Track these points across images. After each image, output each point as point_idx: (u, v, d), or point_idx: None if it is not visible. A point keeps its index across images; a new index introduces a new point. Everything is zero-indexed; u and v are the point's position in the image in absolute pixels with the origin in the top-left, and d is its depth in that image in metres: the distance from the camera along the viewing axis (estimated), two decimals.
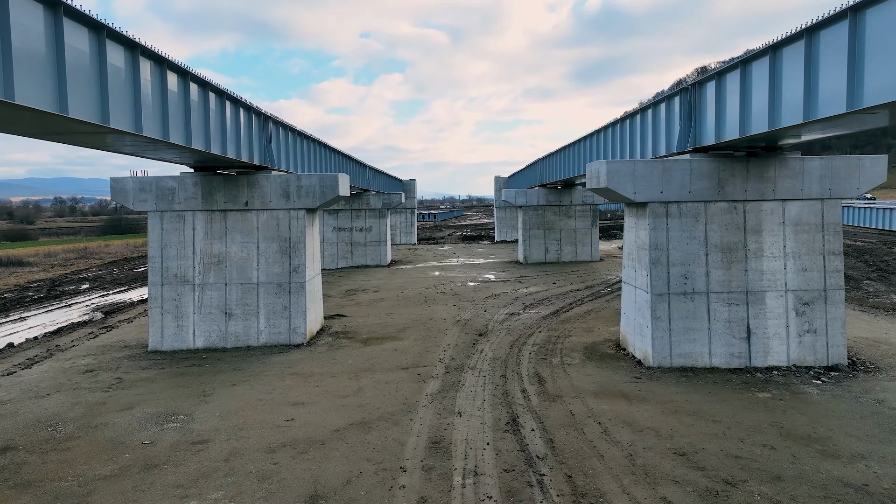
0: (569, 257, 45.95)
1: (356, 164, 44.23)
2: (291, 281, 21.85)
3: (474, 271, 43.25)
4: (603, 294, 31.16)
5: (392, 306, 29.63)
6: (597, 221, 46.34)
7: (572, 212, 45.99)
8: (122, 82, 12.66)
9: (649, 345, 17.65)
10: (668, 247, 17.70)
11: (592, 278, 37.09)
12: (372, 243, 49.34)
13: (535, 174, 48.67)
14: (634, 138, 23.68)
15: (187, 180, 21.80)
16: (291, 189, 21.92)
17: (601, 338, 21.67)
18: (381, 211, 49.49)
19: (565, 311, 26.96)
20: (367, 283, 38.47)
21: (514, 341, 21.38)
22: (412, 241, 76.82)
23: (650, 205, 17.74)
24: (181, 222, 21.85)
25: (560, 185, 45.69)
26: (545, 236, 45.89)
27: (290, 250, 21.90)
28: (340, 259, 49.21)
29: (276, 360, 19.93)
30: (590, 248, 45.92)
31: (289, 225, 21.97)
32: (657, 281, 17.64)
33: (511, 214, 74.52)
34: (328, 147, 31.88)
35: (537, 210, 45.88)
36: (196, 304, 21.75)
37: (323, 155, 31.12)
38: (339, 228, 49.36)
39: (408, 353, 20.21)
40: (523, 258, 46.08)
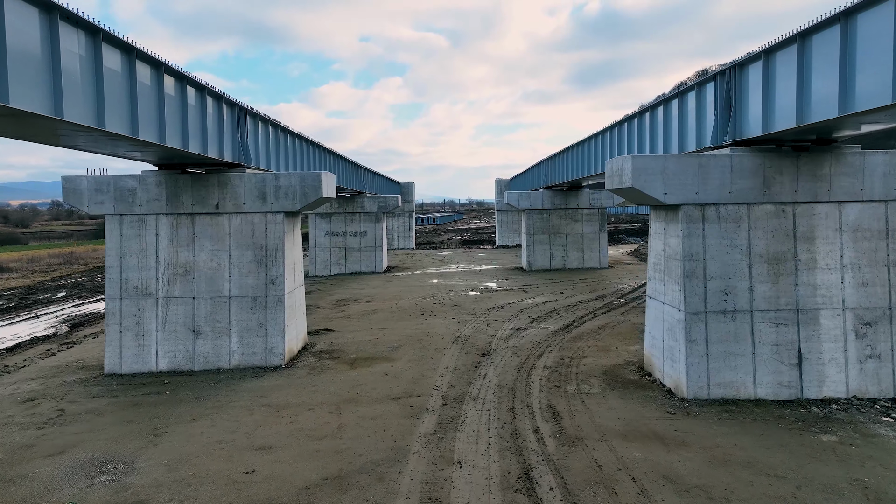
0: (575, 264, 43.32)
1: (349, 165, 41.65)
2: (268, 294, 19.20)
3: (475, 279, 40.59)
4: (616, 306, 28.49)
5: (385, 319, 26.96)
6: (605, 226, 43.73)
7: (579, 215, 43.38)
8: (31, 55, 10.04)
9: (682, 372, 15.00)
10: (705, 257, 15.05)
11: (603, 287, 34.42)
12: (367, 249, 46.70)
13: (540, 175, 46.08)
14: (656, 133, 21.09)
15: (150, 180, 19.18)
16: (268, 190, 19.29)
17: (621, 359, 19.01)
18: (376, 214, 46.87)
19: (576, 325, 24.29)
20: (361, 292, 35.81)
21: (521, 363, 18.73)
22: (410, 245, 74.20)
23: (683, 208, 15.11)
24: (143, 227, 19.22)
25: (566, 187, 43.10)
26: (550, 241, 43.25)
27: (267, 259, 19.26)
28: (333, 265, 46.56)
29: (248, 386, 17.27)
30: (598, 255, 43.27)
31: (265, 230, 19.34)
32: (692, 297, 14.99)
33: (513, 218, 71.92)
34: (315, 144, 29.29)
35: (542, 214, 43.27)
36: (159, 320, 19.10)
37: (309, 153, 28.51)
38: (332, 233, 46.73)
39: (400, 378, 17.55)
40: (527, 265, 43.45)
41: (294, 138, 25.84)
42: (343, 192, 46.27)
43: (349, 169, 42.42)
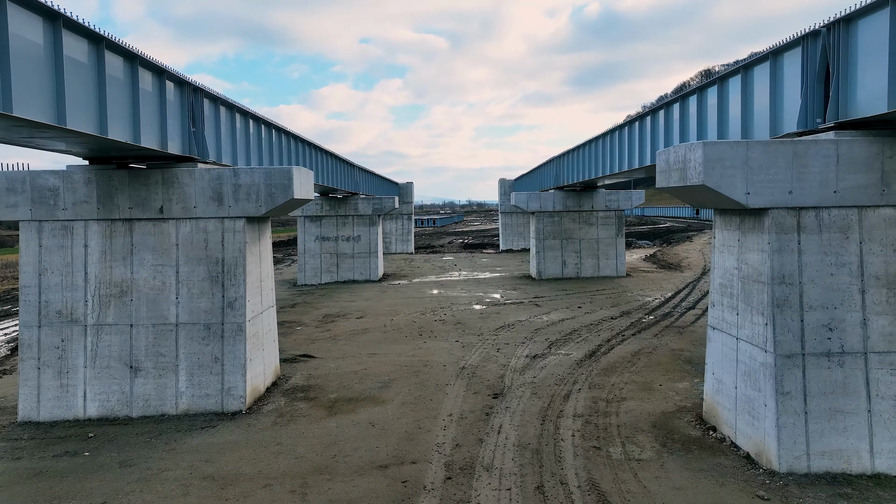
0: (590, 272, 39.35)
1: (340, 164, 37.74)
2: (225, 321, 15.26)
3: (480, 289, 36.63)
4: (646, 325, 24.51)
5: (377, 342, 23.01)
6: (623, 230, 39.76)
7: (594, 218, 39.42)
8: None
9: (770, 435, 11.05)
10: (802, 279, 11.11)
11: (625, 301, 30.44)
12: (360, 255, 42.75)
13: (549, 175, 42.16)
14: (705, 123, 17.25)
15: (77, 177, 15.24)
16: (226, 189, 15.35)
17: (671, 404, 15.05)
18: (371, 218, 42.93)
19: (604, 352, 20.33)
20: (351, 305, 31.85)
21: (544, 409, 14.78)
22: (409, 249, 70.24)
23: (772, 213, 11.17)
24: (68, 237, 15.28)
25: (579, 188, 39.19)
26: (562, 247, 39.28)
27: (224, 277, 15.32)
28: (324, 273, 42.61)
29: (194, 443, 13.32)
30: (614, 262, 39.31)
31: (221, 240, 15.39)
32: (784, 334, 11.05)
33: (517, 221, 67.99)
34: (297, 138, 25.38)
35: (553, 217, 39.31)
36: (88, 353, 15.15)
37: (290, 148, 24.62)
38: (323, 238, 42.78)
39: (390, 432, 13.60)
40: (536, 273, 39.48)
41: (271, 130, 21.95)
42: (335, 194, 42.40)
43: (340, 168, 38.50)
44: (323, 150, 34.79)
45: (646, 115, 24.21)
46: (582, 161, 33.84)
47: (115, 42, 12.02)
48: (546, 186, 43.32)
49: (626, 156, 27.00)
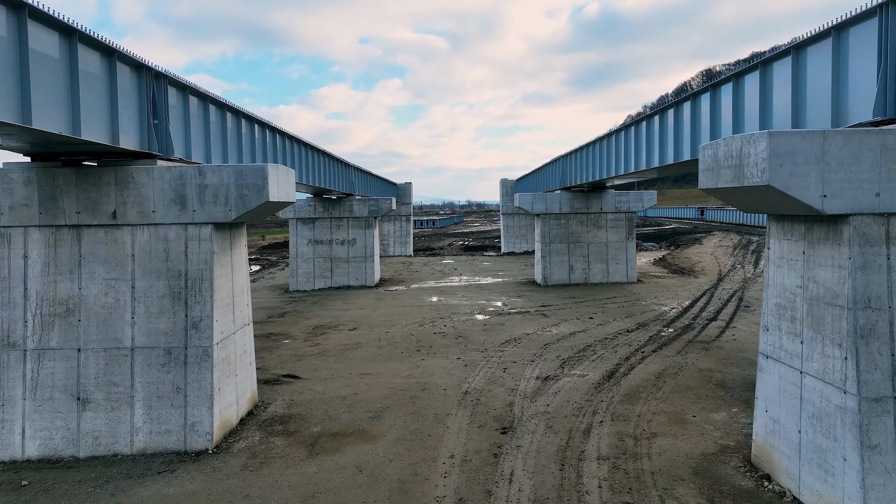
0: (598, 277, 37.14)
1: (334, 163, 35.57)
2: (189, 344, 13.06)
3: (482, 296, 34.43)
4: (666, 339, 22.32)
5: (370, 358, 20.82)
6: (633, 233, 37.54)
7: (602, 221, 37.23)
8: None
9: (853, 498, 8.85)
10: (892, 303, 8.92)
11: (640, 311, 28.24)
12: (356, 259, 40.55)
13: (554, 175, 39.98)
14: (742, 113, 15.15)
15: (14, 176, 13.05)
16: (189, 191, 13.15)
17: (710, 441, 12.84)
18: (366, 220, 40.73)
19: (624, 372, 18.14)
20: (345, 315, 29.65)
21: (563, 449, 12.57)
22: (408, 252, 68.03)
23: (854, 220, 8.97)
24: (4, 246, 13.08)
25: (587, 189, 37.00)
26: (569, 251, 37.08)
27: (188, 293, 13.13)
28: (317, 278, 40.40)
29: (145, 494, 11.12)
30: (625, 267, 37.11)
31: (185, 251, 13.20)
32: (871, 372, 8.86)
33: (519, 222, 65.80)
34: (280, 132, 23.24)
35: (559, 219, 37.10)
36: (28, 383, 12.96)
37: (273, 145, 22.48)
38: (316, 241, 40.58)
39: (380, 481, 11.40)
40: (542, 278, 37.27)
41: (252, 125, 19.84)
42: (329, 195, 40.24)
43: (334, 168, 36.31)
44: (314, 149, 32.63)
45: (666, 109, 22.05)
46: (591, 160, 31.67)
47: (44, 12, 9.81)
48: (551, 187, 41.15)
49: (641, 154, 24.85)
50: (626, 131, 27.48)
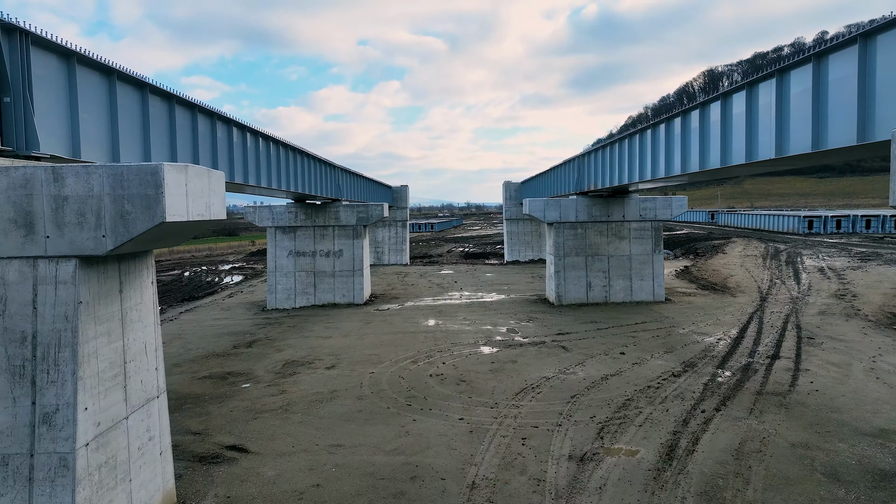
0: (620, 296, 32.31)
1: (317, 164, 30.78)
2: (36, 449, 8.25)
3: (486, 318, 29.61)
4: (727, 388, 17.50)
5: (346, 417, 16.02)
6: (661, 244, 32.70)
7: (625, 231, 32.41)
8: None
9: None
10: None
11: (679, 342, 23.41)
12: (342, 273, 35.71)
13: (568, 177, 35.18)
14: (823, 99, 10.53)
15: None
16: (39, 205, 8.34)
17: None
18: (355, 228, 35.90)
19: (688, 448, 13.31)
20: (323, 345, 24.83)
21: None
22: (403, 260, 63.18)
23: None
24: None
25: (606, 194, 32.24)
26: (587, 265, 32.25)
27: (36, 368, 8.31)
28: (299, 295, 35.56)
29: None
30: (650, 284, 32.28)
31: (33, 300, 8.39)
32: None
33: (524, 228, 60.98)
34: (239, 126, 18.56)
35: (575, 228, 32.28)
36: None
37: (227, 141, 17.79)
38: (298, 253, 35.74)
39: None
40: (555, 296, 32.43)
41: (194, 114, 15.12)
42: (313, 200, 35.48)
43: (317, 170, 31.52)
44: (291, 148, 27.91)
45: (707, 103, 17.63)
46: (613, 161, 26.92)
47: None
48: (563, 191, 36.36)
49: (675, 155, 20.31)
50: (653, 130, 22.88)
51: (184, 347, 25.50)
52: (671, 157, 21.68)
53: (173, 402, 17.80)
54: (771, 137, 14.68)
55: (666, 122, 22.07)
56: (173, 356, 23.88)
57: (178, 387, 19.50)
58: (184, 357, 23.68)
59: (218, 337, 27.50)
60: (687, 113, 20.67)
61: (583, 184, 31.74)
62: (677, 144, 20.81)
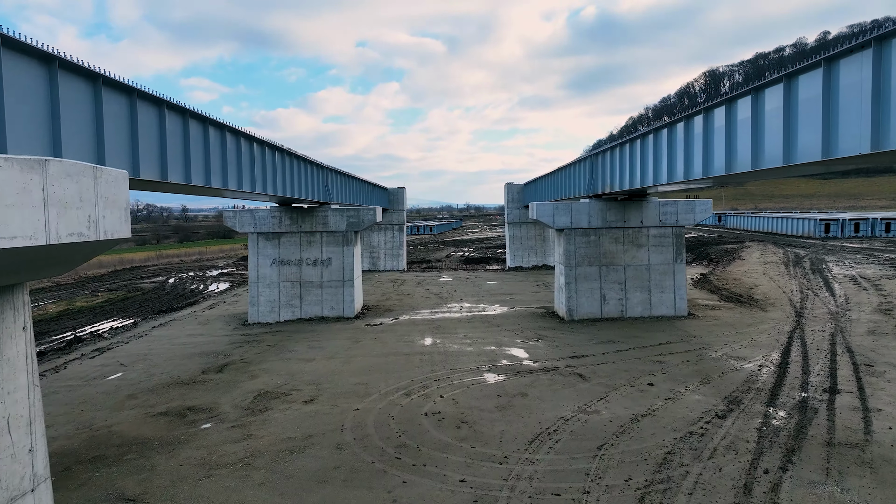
0: (638, 310, 29.17)
1: (301, 164, 27.71)
2: None
3: (490, 336, 26.47)
4: (787, 437, 14.36)
5: (319, 477, 12.87)
6: (683, 253, 29.56)
7: (643, 238, 29.29)
8: None
9: None
10: None
11: (714, 369, 20.27)
12: (331, 284, 32.57)
13: (578, 179, 32.07)
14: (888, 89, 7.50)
15: None
16: None
17: None
18: (345, 235, 32.76)
19: None
20: (304, 371, 21.70)
21: None
22: (400, 266, 60.02)
23: None
24: None
25: (621, 197, 29.14)
26: (601, 276, 29.12)
27: None
28: (284, 307, 32.42)
29: None
30: (672, 296, 29.14)
31: None
32: None
33: (527, 233, 57.83)
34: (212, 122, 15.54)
35: (588, 235, 29.15)
36: None
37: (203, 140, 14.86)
38: (283, 262, 32.60)
39: None
40: (566, 310, 29.28)
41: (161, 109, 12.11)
42: (299, 203, 32.39)
43: (303, 170, 28.45)
44: (275, 148, 24.96)
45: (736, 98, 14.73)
46: (631, 161, 23.83)
47: None
48: (573, 193, 33.23)
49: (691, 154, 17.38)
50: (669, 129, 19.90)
51: (146, 372, 22.37)
52: (690, 158, 18.91)
53: (115, 450, 14.70)
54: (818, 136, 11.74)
55: (685, 121, 19.20)
56: (131, 384, 20.77)
57: (125, 427, 16.38)
58: (143, 385, 20.56)
59: (187, 358, 24.37)
60: (710, 111, 17.79)
61: (596, 185, 28.63)
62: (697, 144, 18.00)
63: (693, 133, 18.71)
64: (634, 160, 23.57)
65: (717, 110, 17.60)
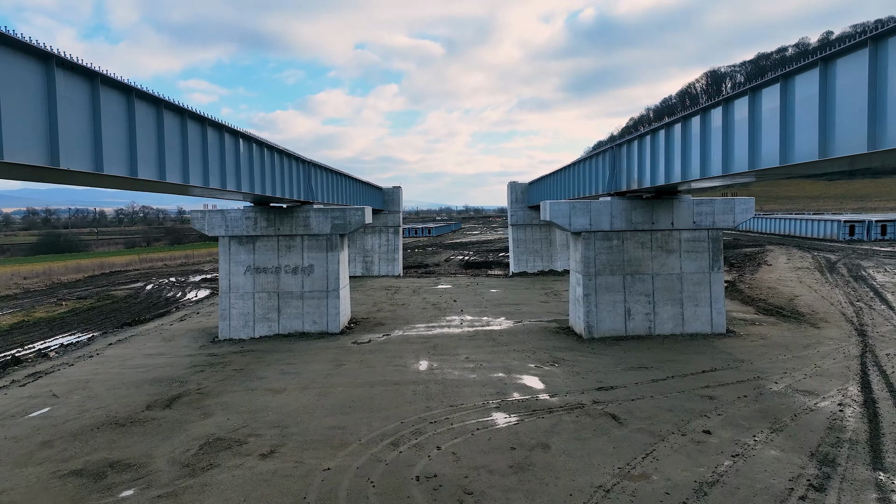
0: (669, 326, 25.09)
1: (279, 157, 23.69)
2: None
3: (497, 358, 22.41)
4: None
5: None
6: (721, 260, 25.47)
7: (674, 242, 25.24)
8: None
9: None
10: None
11: (782, 408, 16.18)
12: (313, 294, 28.49)
13: (597, 174, 28.02)
14: None
15: None
16: None
17: None
18: (329, 239, 28.69)
19: None
20: (269, 407, 17.62)
21: None
22: (395, 271, 55.90)
23: None
24: None
25: (647, 195, 25.11)
26: (626, 287, 25.05)
27: None
28: (259, 321, 28.33)
29: None
30: (708, 311, 25.06)
31: None
32: None
33: (532, 235, 53.75)
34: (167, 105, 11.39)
35: (610, 239, 25.10)
36: None
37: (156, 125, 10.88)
38: (258, 269, 28.53)
39: None
40: (585, 326, 25.18)
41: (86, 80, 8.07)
42: (278, 203, 28.38)
43: (282, 165, 24.46)
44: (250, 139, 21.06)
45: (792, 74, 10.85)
46: (670, 150, 19.80)
47: None
48: (589, 192, 29.18)
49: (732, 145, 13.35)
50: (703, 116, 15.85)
51: (79, 407, 18.31)
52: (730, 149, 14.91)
53: None
54: None
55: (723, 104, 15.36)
56: (54, 424, 16.70)
57: (18, 496, 12.31)
58: (68, 426, 16.49)
59: (134, 387, 20.31)
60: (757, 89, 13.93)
61: (619, 181, 24.58)
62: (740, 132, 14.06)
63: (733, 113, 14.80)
64: (673, 150, 19.54)
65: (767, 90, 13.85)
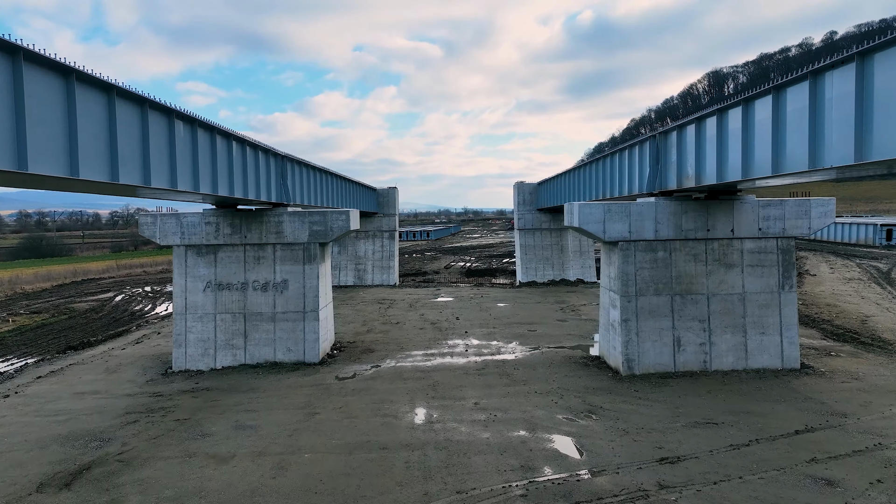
0: (729, 360, 20.05)
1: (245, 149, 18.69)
2: None
3: (515, 405, 17.40)
4: None
5: None
6: (793, 276, 20.45)
7: (734, 253, 20.25)
8: None
9: None
10: None
11: None
12: (287, 316, 23.46)
13: (632, 170, 23.01)
14: None
15: None
16: None
17: None
18: (306, 248, 23.67)
19: None
20: (203, 490, 12.60)
21: None
22: (391, 279, 50.83)
23: None
24: None
25: (697, 195, 20.14)
26: (673, 309, 20.04)
27: None
28: (221, 349, 23.31)
29: None
30: (777, 339, 20.04)
31: None
32: None
33: (542, 241, 48.72)
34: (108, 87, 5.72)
35: (655, 251, 20.09)
36: None
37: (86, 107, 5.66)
38: (220, 285, 23.50)
39: None
40: (624, 360, 20.10)
41: None
42: (246, 205, 23.42)
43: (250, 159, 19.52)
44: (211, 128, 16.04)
45: None
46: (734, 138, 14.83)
47: None
48: (620, 192, 24.16)
49: None
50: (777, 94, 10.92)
51: None
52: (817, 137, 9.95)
53: None
54: None
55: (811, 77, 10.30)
56: None
57: None
58: None
59: (38, 448, 15.32)
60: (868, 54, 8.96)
61: (666, 178, 19.61)
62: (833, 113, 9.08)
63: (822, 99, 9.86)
64: (752, 134, 14.55)
65: None
